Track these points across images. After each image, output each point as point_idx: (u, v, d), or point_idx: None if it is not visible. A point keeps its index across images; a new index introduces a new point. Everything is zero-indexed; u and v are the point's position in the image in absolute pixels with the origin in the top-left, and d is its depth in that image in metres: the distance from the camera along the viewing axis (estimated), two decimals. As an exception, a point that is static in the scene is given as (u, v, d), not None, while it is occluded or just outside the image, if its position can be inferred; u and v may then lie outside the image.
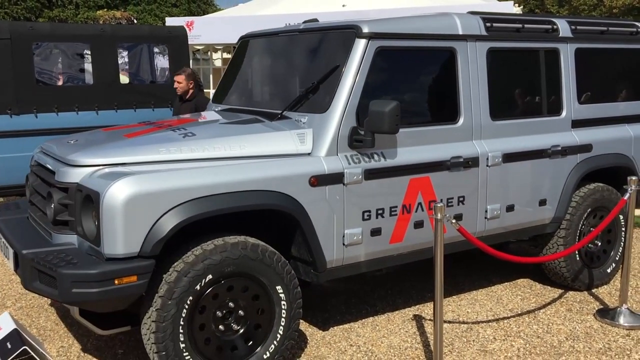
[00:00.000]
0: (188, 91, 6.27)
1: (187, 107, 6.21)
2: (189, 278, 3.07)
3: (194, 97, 6.28)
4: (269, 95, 4.43)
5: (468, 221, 4.02)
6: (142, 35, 7.84)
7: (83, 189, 3.10)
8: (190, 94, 6.28)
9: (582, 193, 4.63)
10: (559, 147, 4.43)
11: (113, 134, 3.86)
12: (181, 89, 6.24)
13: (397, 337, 4.00)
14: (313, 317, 4.29)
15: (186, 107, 6.22)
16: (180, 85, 6.23)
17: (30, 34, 6.68)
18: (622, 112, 4.90)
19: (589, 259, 4.76)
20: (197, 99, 6.26)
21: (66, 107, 6.79)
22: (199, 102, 6.16)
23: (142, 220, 2.95)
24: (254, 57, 4.68)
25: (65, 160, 3.33)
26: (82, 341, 3.95)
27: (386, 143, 3.65)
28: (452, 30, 3.96)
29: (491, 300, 4.62)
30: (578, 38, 4.59)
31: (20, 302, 4.60)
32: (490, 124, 4.12)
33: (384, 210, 3.70)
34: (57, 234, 3.25)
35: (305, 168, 3.42)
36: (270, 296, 3.34)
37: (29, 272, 3.07)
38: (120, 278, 2.91)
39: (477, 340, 3.96)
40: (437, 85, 4.05)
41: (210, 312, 3.20)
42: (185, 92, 6.26)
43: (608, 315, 4.24)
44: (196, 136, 3.50)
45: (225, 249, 3.16)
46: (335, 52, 3.76)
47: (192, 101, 6.24)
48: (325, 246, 3.50)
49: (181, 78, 6.23)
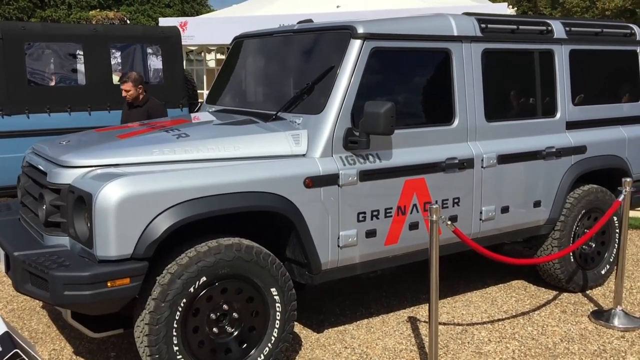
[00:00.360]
0: (138, 96, 5.83)
1: (137, 113, 5.74)
2: (182, 280, 3.04)
3: (145, 102, 5.84)
4: (264, 96, 4.41)
5: (463, 222, 4.01)
6: (135, 35, 7.80)
7: (75, 190, 3.06)
8: (141, 99, 5.85)
9: (577, 194, 4.63)
10: (554, 148, 4.44)
11: (106, 135, 3.83)
12: (131, 96, 5.79)
13: (392, 339, 3.99)
14: (307, 319, 4.27)
15: (137, 113, 5.75)
16: (130, 93, 5.77)
17: (23, 34, 6.64)
18: (616, 114, 4.91)
19: (583, 261, 4.76)
20: (149, 103, 5.85)
21: (58, 107, 6.75)
22: (151, 108, 5.78)
23: (135, 221, 2.93)
24: (248, 57, 4.66)
25: (57, 161, 3.30)
26: (74, 344, 3.91)
27: (381, 144, 3.64)
28: (447, 32, 3.95)
29: (486, 301, 4.61)
30: (572, 39, 4.59)
31: (12, 304, 4.56)
32: (485, 126, 4.12)
33: (379, 212, 3.68)
34: (49, 235, 3.21)
35: (300, 169, 3.40)
36: (264, 298, 3.32)
37: (21, 274, 3.03)
38: (112, 280, 2.88)
39: (472, 342, 3.95)
40: (432, 86, 4.04)
41: (204, 315, 3.17)
42: (135, 98, 5.82)
43: (602, 317, 4.24)
44: (190, 137, 3.48)
45: (219, 250, 3.14)
46: (330, 53, 3.75)
47: (143, 107, 5.80)
48: (320, 248, 3.49)
49: (128, 86, 5.76)
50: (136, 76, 5.82)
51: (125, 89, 5.78)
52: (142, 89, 5.83)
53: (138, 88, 5.78)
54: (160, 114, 5.70)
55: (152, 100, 5.90)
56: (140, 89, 5.81)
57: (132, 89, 5.75)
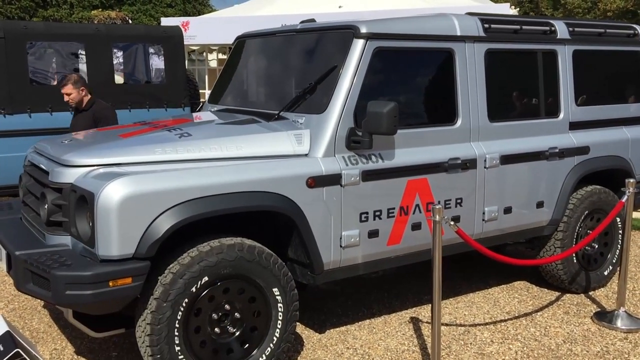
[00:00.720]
0: (82, 100, 5.27)
1: (83, 118, 5.23)
2: (184, 280, 3.03)
3: (91, 105, 5.29)
4: (266, 95, 4.40)
5: (465, 223, 4.00)
6: (137, 35, 7.80)
7: (77, 189, 3.06)
8: (85, 103, 5.28)
9: (580, 195, 4.62)
10: (557, 149, 4.42)
11: (108, 134, 3.83)
12: (73, 100, 5.24)
13: (394, 339, 3.98)
14: (310, 320, 4.26)
15: (82, 118, 5.23)
16: (71, 97, 5.22)
17: (25, 33, 6.64)
18: (619, 114, 4.90)
19: (586, 262, 4.75)
20: (96, 107, 5.29)
21: (60, 107, 6.72)
22: (98, 112, 5.25)
23: (137, 221, 2.92)
24: (250, 57, 4.65)
25: (59, 160, 3.29)
26: (76, 344, 3.90)
27: (384, 144, 3.63)
28: (451, 31, 3.94)
29: (488, 302, 4.60)
30: (576, 40, 4.58)
31: (13, 303, 4.55)
32: (488, 126, 4.10)
33: (381, 212, 3.67)
34: (51, 235, 3.21)
35: (303, 169, 3.39)
36: (266, 298, 3.31)
37: (22, 273, 3.03)
38: (114, 280, 2.87)
39: (475, 343, 3.93)
40: (435, 86, 4.03)
41: (206, 315, 3.16)
42: (79, 102, 5.27)
43: (605, 318, 4.23)
44: (192, 136, 3.47)
45: (221, 250, 3.13)
46: (332, 53, 3.74)
47: (89, 110, 5.26)
48: (322, 248, 3.48)
49: (69, 88, 5.21)
50: (77, 78, 5.30)
51: (66, 92, 5.24)
52: (85, 91, 5.27)
53: (80, 90, 5.23)
54: (108, 118, 5.19)
55: (99, 103, 5.36)
56: (84, 91, 5.26)
57: (73, 91, 5.21)
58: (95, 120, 5.09)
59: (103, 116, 5.16)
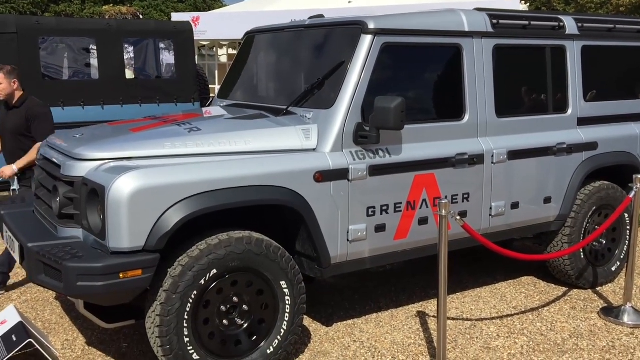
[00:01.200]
0: (13, 94, 4.63)
1: (14, 116, 4.62)
2: (193, 272, 3.08)
3: (23, 102, 4.63)
4: (274, 90, 4.43)
5: (472, 218, 4.02)
6: (147, 30, 7.85)
7: (89, 182, 3.10)
8: (17, 99, 4.64)
9: (587, 191, 4.62)
10: (565, 144, 4.42)
11: (119, 128, 3.87)
12: (4, 92, 4.58)
13: (400, 333, 4.01)
14: (317, 313, 4.30)
15: (13, 116, 4.62)
16: (2, 87, 4.57)
17: (37, 28, 6.71)
18: (628, 110, 4.88)
19: (593, 257, 4.75)
20: (28, 103, 4.64)
21: (72, 101, 6.82)
22: (30, 109, 4.58)
23: (147, 214, 2.96)
24: (259, 52, 4.68)
25: (71, 154, 3.34)
26: (87, 335, 3.96)
27: (391, 139, 3.65)
28: (459, 27, 3.95)
29: (495, 297, 4.61)
30: (585, 35, 4.57)
31: (26, 295, 4.62)
32: (495, 121, 4.11)
33: (388, 207, 3.69)
34: (63, 227, 3.26)
35: (310, 164, 3.42)
36: (274, 291, 3.35)
37: (35, 265, 3.08)
38: (125, 272, 2.92)
39: (481, 337, 3.96)
40: (443, 81, 4.04)
41: (214, 307, 3.21)
42: (10, 95, 4.62)
43: (612, 314, 4.24)
44: (201, 131, 3.51)
45: (229, 243, 3.17)
46: (340, 48, 3.76)
47: (21, 107, 4.60)
48: (330, 242, 3.51)
49: (0, 78, 4.57)
50: (10, 68, 4.64)
51: None
52: (17, 85, 4.64)
53: (12, 82, 4.61)
54: (42, 116, 4.62)
55: (32, 100, 4.69)
56: (15, 84, 4.63)
57: (4, 81, 4.56)
58: (28, 119, 4.56)
59: (36, 114, 4.58)
